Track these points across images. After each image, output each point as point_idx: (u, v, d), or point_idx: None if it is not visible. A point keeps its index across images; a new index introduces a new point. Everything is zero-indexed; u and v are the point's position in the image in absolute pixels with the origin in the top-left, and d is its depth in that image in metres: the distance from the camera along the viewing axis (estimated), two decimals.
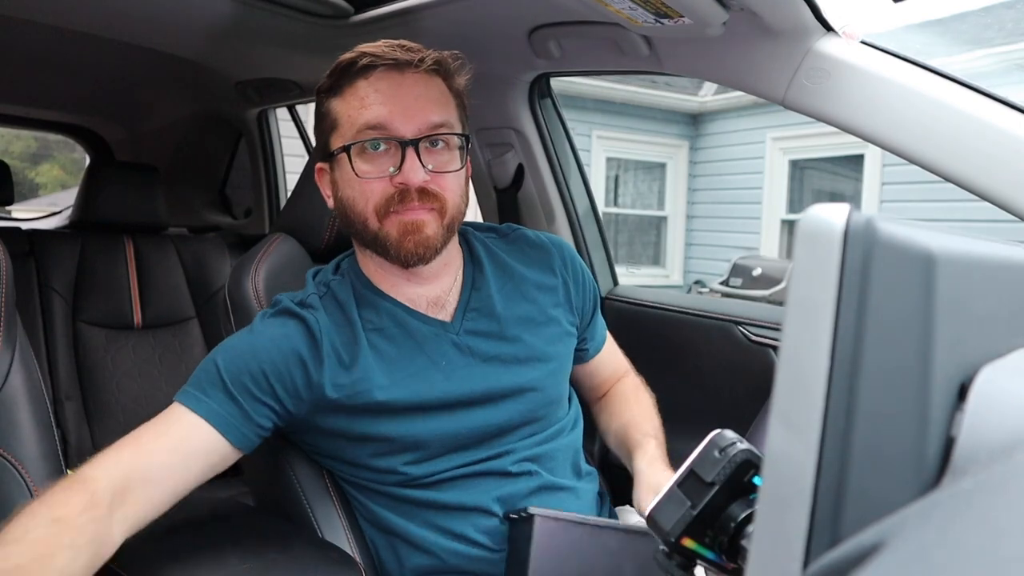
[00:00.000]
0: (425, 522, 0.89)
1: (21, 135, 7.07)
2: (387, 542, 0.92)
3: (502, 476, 0.90)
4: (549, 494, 0.92)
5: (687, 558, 0.49)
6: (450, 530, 0.88)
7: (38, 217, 3.17)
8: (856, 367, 0.25)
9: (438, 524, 0.88)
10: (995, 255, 0.30)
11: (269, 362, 0.83)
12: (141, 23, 1.51)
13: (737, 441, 0.50)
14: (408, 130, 0.83)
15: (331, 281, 0.93)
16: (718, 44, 1.06)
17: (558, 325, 0.97)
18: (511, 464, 0.90)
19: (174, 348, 1.90)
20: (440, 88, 0.88)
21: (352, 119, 0.85)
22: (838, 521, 0.25)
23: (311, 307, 0.88)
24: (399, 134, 0.83)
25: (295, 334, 0.86)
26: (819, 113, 0.99)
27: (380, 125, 0.83)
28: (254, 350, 0.84)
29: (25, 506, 0.69)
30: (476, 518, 0.88)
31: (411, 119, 0.83)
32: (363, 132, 0.84)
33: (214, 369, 0.83)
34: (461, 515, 0.88)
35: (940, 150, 0.90)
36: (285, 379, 0.84)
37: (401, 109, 0.84)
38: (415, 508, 0.89)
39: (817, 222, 0.26)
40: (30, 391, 0.86)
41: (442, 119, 0.85)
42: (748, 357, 1.35)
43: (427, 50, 0.86)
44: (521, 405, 0.91)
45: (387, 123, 0.83)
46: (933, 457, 0.26)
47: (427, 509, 0.89)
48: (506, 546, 0.87)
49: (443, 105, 0.87)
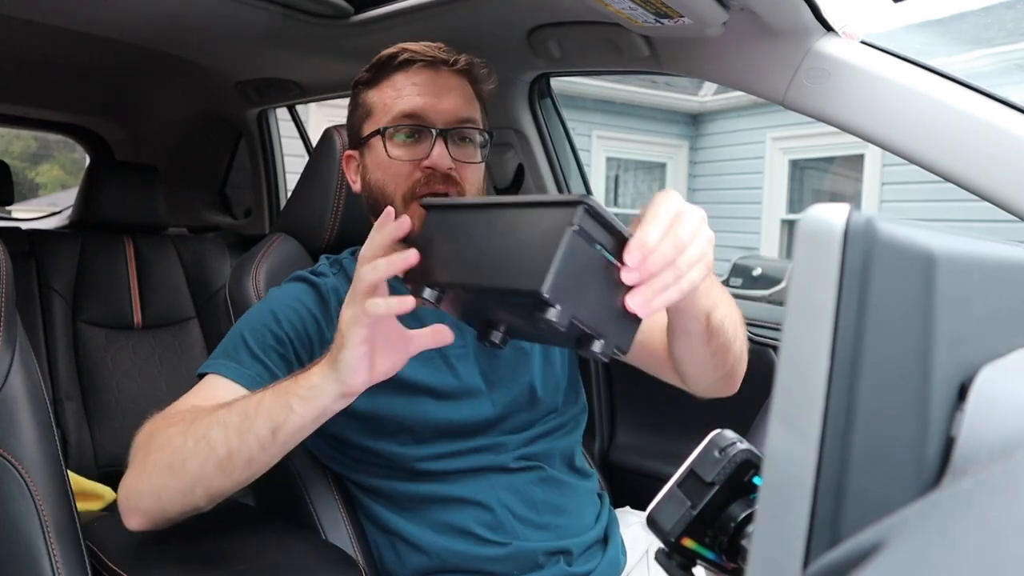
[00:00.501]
0: (425, 520, 0.89)
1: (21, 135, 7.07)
2: (388, 541, 0.92)
3: (502, 471, 0.90)
4: (551, 487, 0.92)
5: (687, 558, 0.49)
6: (451, 525, 0.88)
7: (38, 217, 3.17)
8: (856, 367, 0.25)
9: (439, 520, 0.89)
10: (995, 255, 0.30)
11: (287, 322, 0.88)
12: (141, 23, 1.51)
13: (737, 441, 0.50)
14: (440, 120, 0.90)
15: (344, 259, 1.00)
16: (718, 44, 1.06)
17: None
18: (511, 460, 0.91)
19: (174, 348, 1.90)
20: (468, 89, 0.95)
21: (388, 106, 0.91)
22: (838, 521, 0.25)
23: (322, 274, 0.95)
24: (431, 123, 0.90)
25: (307, 295, 0.92)
26: (819, 113, 0.99)
27: (415, 114, 0.90)
28: (274, 313, 0.89)
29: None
30: (477, 512, 0.88)
31: (443, 111, 0.90)
32: (399, 119, 0.90)
33: (239, 337, 0.87)
34: (460, 508, 0.88)
35: (940, 150, 0.90)
36: (303, 337, 0.88)
37: (435, 101, 0.90)
38: (416, 505, 0.90)
39: (817, 222, 0.26)
40: (30, 391, 0.86)
41: (470, 115, 0.92)
42: (748, 357, 1.35)
43: (460, 53, 0.93)
44: (517, 397, 0.93)
45: (422, 112, 0.90)
46: (933, 457, 0.26)
47: (428, 505, 0.89)
48: (509, 540, 0.87)
49: (472, 103, 0.94)
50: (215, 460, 0.72)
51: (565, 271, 0.53)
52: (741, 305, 1.52)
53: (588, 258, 0.56)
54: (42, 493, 0.81)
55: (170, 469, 0.74)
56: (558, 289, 0.53)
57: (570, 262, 0.54)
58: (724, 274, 6.76)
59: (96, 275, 1.86)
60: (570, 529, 0.92)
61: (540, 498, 0.91)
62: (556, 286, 0.53)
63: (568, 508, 0.93)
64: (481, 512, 0.88)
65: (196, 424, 0.74)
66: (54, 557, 0.79)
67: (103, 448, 1.71)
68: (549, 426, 0.95)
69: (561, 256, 0.53)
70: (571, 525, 0.92)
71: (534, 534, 0.89)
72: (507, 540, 0.88)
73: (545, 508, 0.91)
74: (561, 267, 0.53)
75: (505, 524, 0.88)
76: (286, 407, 0.70)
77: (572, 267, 0.54)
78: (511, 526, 0.88)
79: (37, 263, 1.80)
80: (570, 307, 0.54)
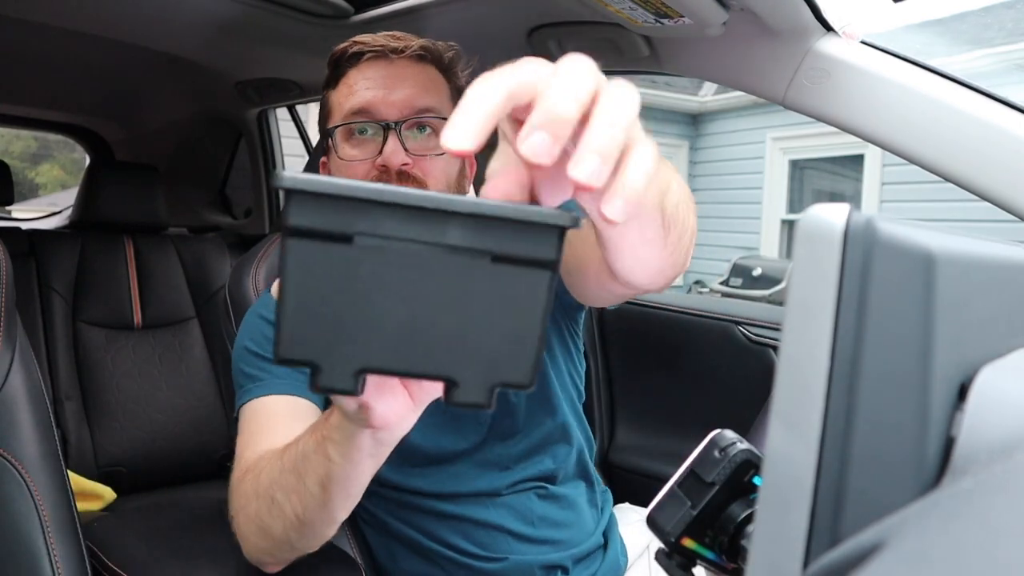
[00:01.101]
0: (421, 528, 0.89)
1: (21, 135, 7.07)
2: (383, 543, 0.92)
3: (493, 496, 0.89)
4: (550, 503, 0.91)
5: (687, 558, 0.49)
6: (446, 541, 0.88)
7: (38, 217, 3.17)
8: (856, 367, 0.25)
9: (435, 533, 0.88)
10: (995, 255, 0.30)
11: (262, 343, 0.86)
12: (141, 23, 1.51)
13: (737, 441, 0.49)
14: (391, 114, 0.82)
15: None
16: (718, 44, 1.06)
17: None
18: (504, 488, 0.89)
19: (174, 348, 1.90)
20: (430, 74, 0.86)
21: (341, 105, 0.85)
22: (838, 521, 0.25)
23: (268, 304, 0.92)
24: (382, 117, 0.83)
25: (262, 325, 0.89)
26: (819, 113, 0.99)
27: (364, 109, 0.83)
28: (246, 346, 0.87)
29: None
30: (469, 529, 0.88)
31: (394, 103, 0.83)
32: (349, 116, 0.84)
33: (246, 356, 0.85)
34: (454, 524, 0.88)
35: (940, 150, 0.90)
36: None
37: (385, 93, 0.83)
38: (412, 513, 0.89)
39: (817, 222, 0.26)
40: (30, 391, 0.86)
41: (429, 104, 0.84)
42: (748, 357, 1.35)
43: (418, 40, 0.86)
44: (479, 428, 0.90)
45: (370, 107, 0.83)
46: (933, 457, 0.26)
47: (424, 515, 0.89)
48: (505, 556, 0.87)
49: (431, 91, 0.85)
50: (292, 524, 0.65)
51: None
52: (741, 305, 1.53)
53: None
54: (42, 493, 0.81)
55: (263, 533, 0.69)
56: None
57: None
58: (724, 274, 6.76)
59: (96, 275, 1.86)
60: (570, 541, 0.91)
61: (539, 514, 0.90)
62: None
63: (568, 521, 0.92)
64: (473, 528, 0.88)
65: (261, 484, 0.67)
66: (54, 557, 0.79)
67: (103, 448, 1.71)
68: (520, 449, 0.91)
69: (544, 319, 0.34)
70: (571, 538, 0.91)
71: (531, 549, 0.88)
72: (503, 556, 0.87)
73: (543, 523, 0.90)
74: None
75: (500, 543, 0.87)
76: (324, 456, 0.58)
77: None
78: (506, 544, 0.88)
79: (37, 263, 1.80)
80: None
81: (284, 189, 0.31)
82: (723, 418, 0.67)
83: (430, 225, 0.32)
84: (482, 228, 0.32)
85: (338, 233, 0.32)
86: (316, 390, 0.33)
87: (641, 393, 1.52)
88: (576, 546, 0.91)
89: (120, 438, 1.72)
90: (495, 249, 0.33)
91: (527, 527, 0.89)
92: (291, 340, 0.33)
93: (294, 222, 0.31)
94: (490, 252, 0.33)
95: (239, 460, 0.77)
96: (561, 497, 0.92)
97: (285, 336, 0.33)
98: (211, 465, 1.78)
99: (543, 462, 0.92)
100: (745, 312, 1.41)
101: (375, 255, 0.32)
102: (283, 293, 0.32)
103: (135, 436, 1.74)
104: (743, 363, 1.35)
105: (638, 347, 1.52)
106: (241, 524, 0.71)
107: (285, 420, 0.78)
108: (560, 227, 0.33)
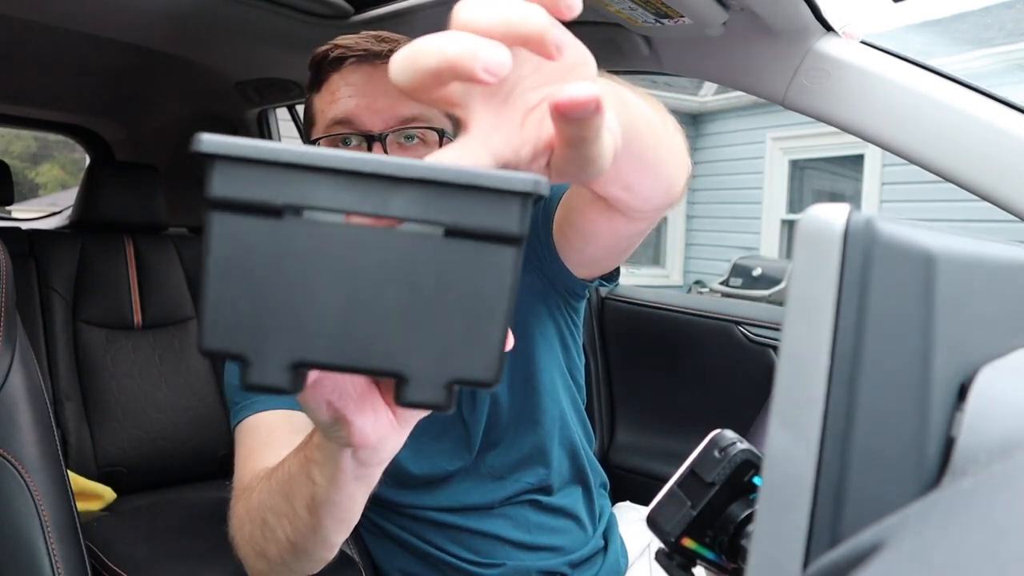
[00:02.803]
0: (418, 535, 0.89)
1: (21, 135, 7.07)
2: (380, 545, 0.92)
3: (486, 510, 0.89)
4: (546, 513, 0.91)
5: (687, 558, 0.49)
6: (443, 548, 0.88)
7: (38, 217, 3.17)
8: (856, 367, 0.25)
9: (432, 540, 0.89)
10: (995, 255, 0.30)
11: None
12: (141, 23, 1.51)
13: (737, 441, 0.49)
14: (375, 124, 0.79)
15: None
16: (718, 44, 1.06)
17: (543, 331, 0.91)
18: (497, 502, 0.89)
19: (174, 348, 1.90)
20: None
21: (324, 113, 0.82)
22: (838, 521, 0.25)
23: None
24: (366, 128, 0.79)
25: None
26: (819, 113, 0.99)
27: (347, 119, 0.79)
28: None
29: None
30: (465, 537, 0.88)
31: (379, 112, 0.79)
32: (331, 127, 0.80)
33: (232, 387, 0.84)
34: (450, 533, 0.88)
35: (940, 150, 0.90)
36: None
37: (368, 102, 0.79)
38: (409, 521, 0.90)
39: (817, 222, 0.26)
40: (30, 391, 0.86)
41: (414, 112, 0.80)
42: (748, 357, 1.35)
43: (404, 39, 0.81)
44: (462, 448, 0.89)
45: (354, 117, 0.79)
46: (933, 457, 0.26)
47: (421, 524, 0.89)
48: (502, 562, 0.87)
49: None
50: (285, 547, 0.61)
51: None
52: (741, 305, 1.53)
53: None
54: (42, 493, 0.81)
55: (259, 556, 0.66)
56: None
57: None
58: (724, 274, 6.76)
59: (96, 275, 1.86)
60: (567, 547, 0.91)
61: (535, 522, 0.90)
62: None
63: (565, 528, 0.92)
64: (470, 537, 0.88)
65: (253, 505, 0.65)
66: (54, 557, 0.79)
67: (103, 448, 1.71)
68: (512, 457, 0.90)
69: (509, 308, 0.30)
70: (568, 544, 0.91)
71: (528, 555, 0.88)
72: (500, 562, 0.87)
73: (540, 531, 0.90)
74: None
75: (497, 550, 0.87)
76: (308, 478, 0.54)
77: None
78: (504, 551, 0.88)
79: (37, 263, 1.80)
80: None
81: (203, 154, 0.27)
82: (723, 418, 0.68)
83: (371, 194, 0.28)
84: (431, 196, 0.28)
85: (266, 205, 0.28)
86: (246, 388, 0.29)
87: (641, 393, 1.52)
88: (574, 552, 0.91)
89: (120, 438, 1.72)
90: (447, 221, 0.28)
91: (524, 535, 0.89)
92: (215, 330, 0.28)
93: (216, 192, 0.27)
94: (441, 224, 0.28)
95: (236, 480, 0.75)
96: (558, 508, 0.92)
97: (208, 326, 0.28)
98: (211, 465, 1.78)
99: (537, 472, 0.90)
100: (745, 312, 1.41)
101: (309, 230, 0.28)
102: (205, 276, 0.28)
103: (135, 436, 1.74)
104: (743, 363, 1.35)
105: (638, 347, 1.52)
106: (240, 545, 0.69)
107: (283, 436, 0.74)
108: (521, 193, 0.28)
